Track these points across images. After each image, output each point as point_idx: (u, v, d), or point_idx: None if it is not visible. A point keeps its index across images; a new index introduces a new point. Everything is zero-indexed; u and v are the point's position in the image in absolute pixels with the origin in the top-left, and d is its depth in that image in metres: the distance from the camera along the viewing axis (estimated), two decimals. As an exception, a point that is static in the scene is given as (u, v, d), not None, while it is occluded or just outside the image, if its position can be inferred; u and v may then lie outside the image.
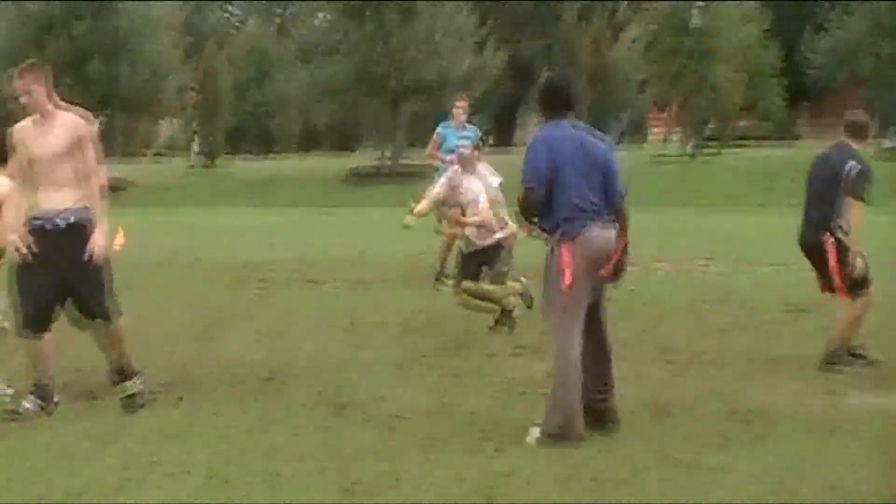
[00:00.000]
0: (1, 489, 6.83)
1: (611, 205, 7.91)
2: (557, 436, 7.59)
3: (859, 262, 9.89)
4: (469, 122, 16.59)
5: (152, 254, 20.25)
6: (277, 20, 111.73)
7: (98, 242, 8.54)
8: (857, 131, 10.28)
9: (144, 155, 70.77)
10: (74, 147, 8.54)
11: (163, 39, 54.23)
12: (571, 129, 7.93)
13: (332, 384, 9.47)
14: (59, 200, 8.54)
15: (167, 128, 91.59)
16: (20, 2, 51.50)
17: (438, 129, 16.37)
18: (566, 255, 7.71)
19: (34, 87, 8.56)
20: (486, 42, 53.30)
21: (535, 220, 7.91)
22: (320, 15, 58.33)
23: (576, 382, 7.67)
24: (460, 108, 16.32)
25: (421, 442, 7.61)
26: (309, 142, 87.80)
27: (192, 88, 59.60)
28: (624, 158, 8.16)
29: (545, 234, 7.89)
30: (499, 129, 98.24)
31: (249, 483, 6.83)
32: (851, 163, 9.99)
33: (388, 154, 51.99)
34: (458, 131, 16.15)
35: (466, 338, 11.65)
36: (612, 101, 76.16)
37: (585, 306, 7.78)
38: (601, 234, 7.79)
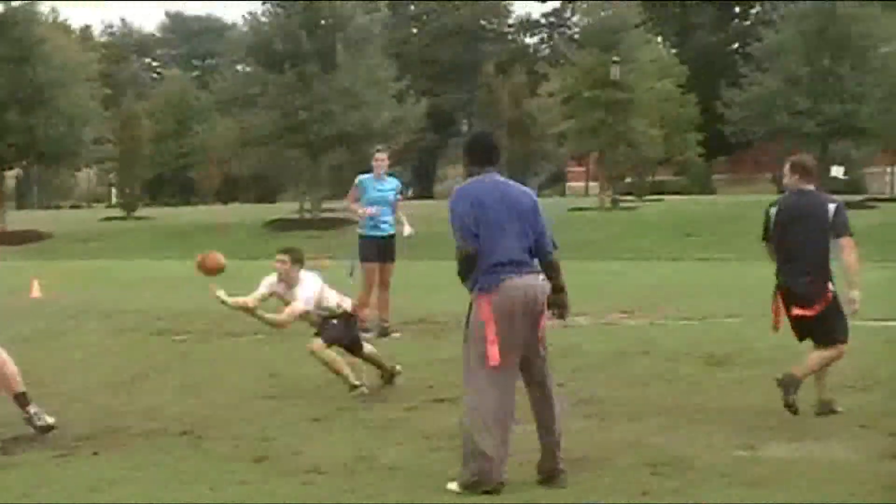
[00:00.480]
0: None
1: (542, 256, 7.95)
2: (474, 485, 7.57)
3: (855, 304, 9.96)
4: (389, 173, 16.64)
5: (69, 304, 20.02)
6: (197, 72, 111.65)
7: None
8: (808, 172, 10.29)
9: (60, 207, 70.24)
10: None
11: (80, 90, 53.85)
12: (494, 183, 7.96)
13: (250, 437, 9.39)
14: None
15: (85, 179, 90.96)
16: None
17: (357, 181, 16.39)
18: (485, 306, 7.70)
19: None
20: (406, 93, 53.54)
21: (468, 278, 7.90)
22: (239, 67, 58.25)
23: (492, 432, 7.63)
24: (380, 160, 16.36)
25: (339, 496, 7.55)
26: (229, 192, 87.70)
27: (110, 140, 59.28)
28: (545, 209, 8.12)
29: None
30: (419, 180, 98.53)
31: (166, 539, 6.73)
32: (831, 205, 10.05)
33: (307, 206, 51.95)
34: (377, 182, 16.20)
35: (386, 390, 11.64)
36: (531, 153, 76.81)
37: (512, 360, 7.74)
38: (523, 282, 7.76)
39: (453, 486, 7.67)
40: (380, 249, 16.10)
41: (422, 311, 18.13)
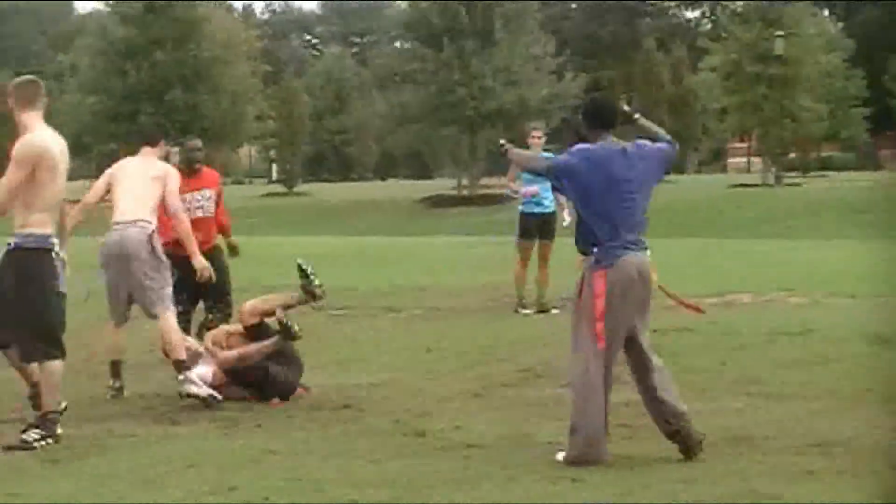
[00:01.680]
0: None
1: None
2: (579, 462, 7.59)
3: None
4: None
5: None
6: (355, 49, 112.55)
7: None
8: None
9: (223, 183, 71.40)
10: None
11: (242, 68, 54.69)
12: (617, 150, 7.88)
13: (409, 412, 9.44)
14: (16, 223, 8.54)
15: (246, 155, 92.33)
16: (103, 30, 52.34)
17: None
18: (600, 282, 7.68)
19: (10, 102, 8.50)
20: (563, 70, 53.32)
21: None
22: (398, 43, 58.63)
23: (596, 410, 7.67)
24: (536, 137, 16.26)
25: (498, 471, 7.54)
26: (386, 168, 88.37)
27: (271, 117, 60.09)
28: (703, 187, 8.01)
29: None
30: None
31: (327, 511, 6.81)
32: None
33: (464, 182, 52.09)
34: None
35: (544, 367, 11.57)
36: (692, 129, 75.93)
37: (621, 338, 7.74)
38: (637, 259, 7.78)
39: (559, 457, 7.71)
40: (539, 226, 16.01)
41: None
